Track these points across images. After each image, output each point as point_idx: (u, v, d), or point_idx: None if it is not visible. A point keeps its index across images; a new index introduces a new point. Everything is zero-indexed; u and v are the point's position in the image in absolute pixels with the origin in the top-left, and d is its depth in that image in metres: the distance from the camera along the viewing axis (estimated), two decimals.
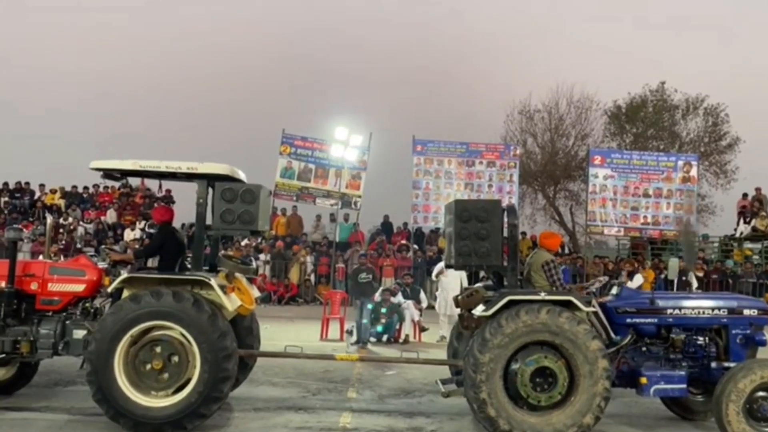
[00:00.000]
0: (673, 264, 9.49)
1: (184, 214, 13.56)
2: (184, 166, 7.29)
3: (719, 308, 7.57)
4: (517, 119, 29.99)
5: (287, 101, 30.97)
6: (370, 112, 25.39)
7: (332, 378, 9.88)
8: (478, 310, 7.09)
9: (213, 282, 7.03)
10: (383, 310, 13.63)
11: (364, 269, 13.84)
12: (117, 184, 23.21)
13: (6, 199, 23.71)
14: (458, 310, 7.63)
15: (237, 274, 7.82)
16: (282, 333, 12.90)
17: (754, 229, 23.82)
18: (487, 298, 7.15)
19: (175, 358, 6.85)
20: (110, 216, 22.98)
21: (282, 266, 20.86)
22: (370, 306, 13.21)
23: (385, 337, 13.58)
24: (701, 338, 7.56)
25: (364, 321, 12.96)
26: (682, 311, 7.54)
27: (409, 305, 13.89)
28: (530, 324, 6.74)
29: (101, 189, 23.96)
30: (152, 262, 8.81)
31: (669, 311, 7.54)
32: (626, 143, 30.31)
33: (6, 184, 24.18)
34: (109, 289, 7.29)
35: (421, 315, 14.22)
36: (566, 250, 24.26)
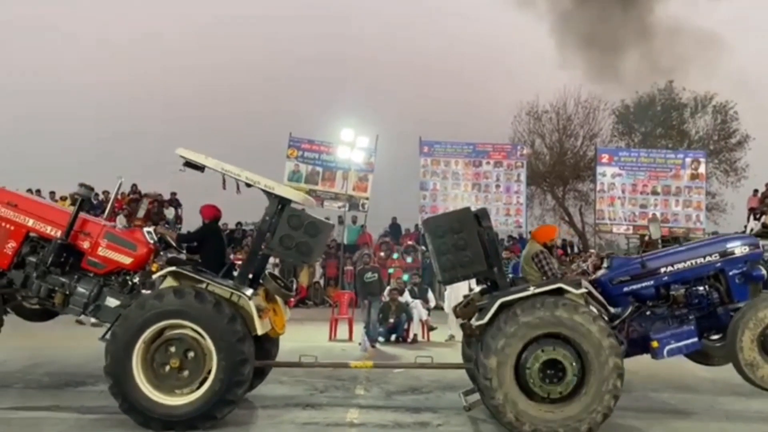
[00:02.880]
0: (655, 226, 9.47)
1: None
2: (262, 183, 7.33)
3: (711, 254, 7.57)
4: (525, 120, 30.03)
5: (294, 104, 31.05)
6: (376, 114, 25.39)
7: (340, 376, 9.88)
8: (475, 320, 7.10)
9: (251, 303, 7.04)
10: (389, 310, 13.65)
11: (369, 269, 13.88)
12: (127, 190, 23.52)
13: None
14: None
15: (276, 296, 7.88)
16: (292, 334, 12.86)
17: (764, 225, 23.61)
18: (480, 306, 7.15)
19: (192, 358, 6.89)
20: (120, 222, 23.07)
21: (291, 269, 20.91)
22: (376, 304, 13.24)
23: (393, 337, 13.60)
24: (701, 287, 7.56)
25: (372, 318, 12.99)
26: (676, 267, 7.54)
27: (417, 304, 13.90)
28: (528, 321, 6.73)
29: (110, 195, 24.08)
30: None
31: (662, 270, 7.54)
32: (635, 142, 30.26)
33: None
34: (154, 277, 7.42)
35: (429, 314, 14.23)
36: (575, 250, 24.20)
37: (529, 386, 6.75)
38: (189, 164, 7.56)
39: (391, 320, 13.61)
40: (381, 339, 13.36)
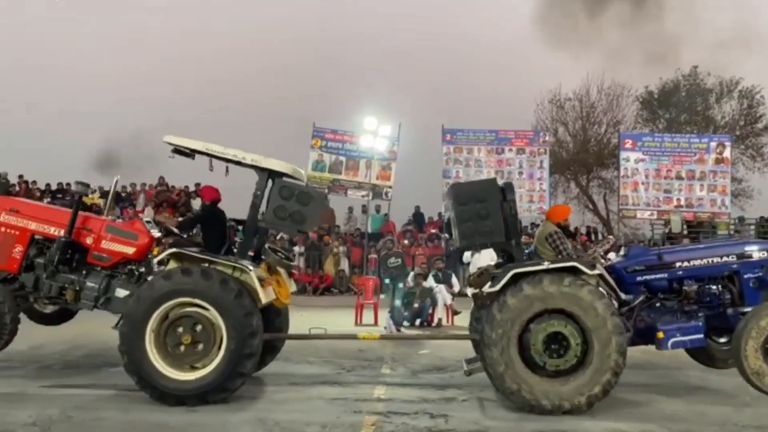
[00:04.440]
0: (676, 218, 9.52)
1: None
2: (249, 158, 7.54)
3: (728, 255, 7.60)
4: (548, 108, 29.93)
5: (317, 93, 31.21)
6: (398, 102, 25.49)
7: (366, 357, 10.10)
8: (486, 288, 7.24)
9: (252, 273, 7.25)
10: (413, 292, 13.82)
11: (392, 254, 14.09)
12: (155, 182, 23.96)
13: (48, 200, 24.40)
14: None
15: (278, 268, 8.09)
16: (317, 320, 13.10)
17: None
18: (494, 275, 7.30)
19: (203, 339, 7.11)
20: (147, 213, 23.52)
21: (316, 257, 21.17)
22: (400, 286, 13.43)
23: (418, 321, 13.77)
24: (714, 287, 7.58)
25: (397, 303, 13.18)
26: (692, 263, 7.58)
27: (441, 289, 14.05)
28: (533, 294, 6.86)
29: (138, 187, 24.56)
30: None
31: (678, 264, 7.59)
32: (659, 129, 30.00)
33: (48, 185, 24.92)
34: (156, 260, 7.64)
35: (453, 299, 14.37)
36: (599, 237, 24.13)
37: (532, 357, 6.89)
38: (177, 151, 7.82)
39: (416, 305, 13.77)
40: (406, 323, 13.54)
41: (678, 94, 30.67)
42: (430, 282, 14.27)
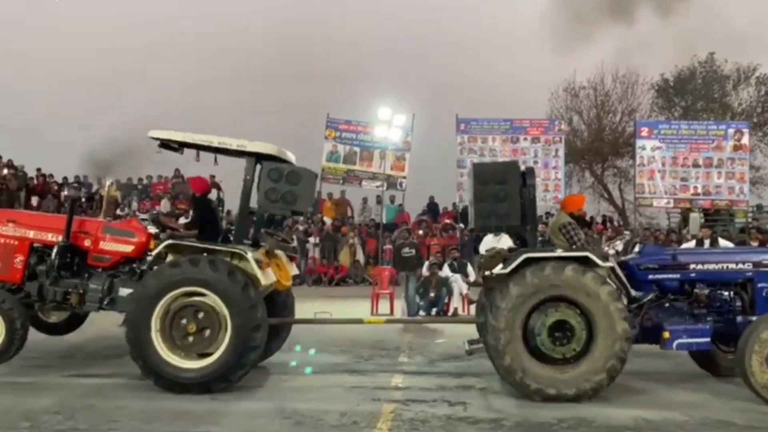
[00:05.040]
0: (695, 217, 9.47)
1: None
2: (234, 143, 7.61)
3: (744, 262, 7.53)
4: (562, 97, 29.69)
5: (330, 85, 31.19)
6: (411, 92, 25.42)
7: (384, 346, 10.15)
8: (497, 269, 7.24)
9: (249, 256, 7.29)
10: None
11: (407, 244, 14.08)
12: (170, 174, 24.08)
13: (66, 192, 24.60)
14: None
15: (277, 251, 8.15)
16: (333, 311, 13.15)
17: None
18: (506, 257, 7.31)
19: (208, 324, 7.17)
20: (164, 205, 23.67)
21: (331, 248, 21.21)
22: (414, 279, 13.45)
23: (434, 311, 13.76)
24: (726, 292, 7.52)
25: (410, 293, 13.20)
26: (706, 266, 7.52)
27: (457, 279, 14.02)
28: (550, 280, 6.86)
29: (154, 180, 24.71)
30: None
31: (692, 266, 7.53)
32: (675, 117, 29.70)
33: (65, 178, 25.08)
34: (153, 253, 7.69)
35: (469, 288, 14.35)
36: (615, 225, 24.02)
37: (537, 344, 6.89)
38: (164, 146, 7.90)
39: (432, 294, 13.76)
40: (422, 313, 13.54)
41: (694, 81, 30.34)
42: (445, 272, 14.25)
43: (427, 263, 14.70)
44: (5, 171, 23.23)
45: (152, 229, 8.29)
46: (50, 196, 22.40)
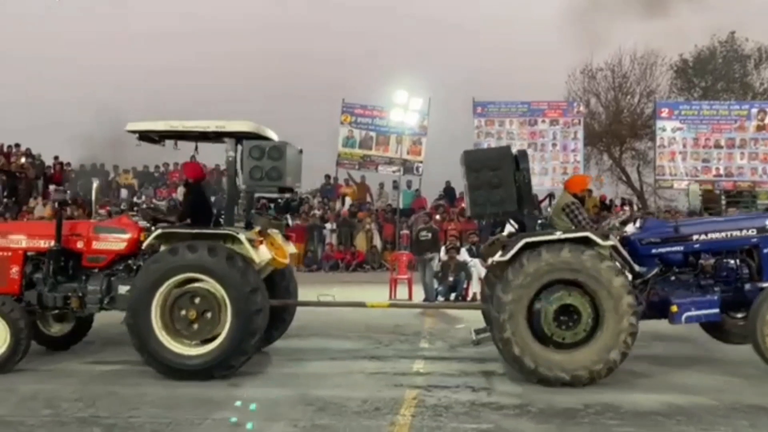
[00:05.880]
0: (694, 189, 9.31)
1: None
2: (212, 125, 7.55)
3: (748, 228, 7.40)
4: (579, 79, 29.26)
5: (345, 69, 30.94)
6: (427, 76, 25.13)
7: (403, 331, 10.07)
8: (497, 257, 7.15)
9: (241, 236, 7.25)
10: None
11: (425, 228, 13.97)
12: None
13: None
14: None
15: (272, 231, 8.10)
16: (351, 296, 13.11)
17: None
18: (504, 243, 7.20)
19: (208, 310, 7.15)
20: (180, 193, 23.68)
21: (348, 234, 21.13)
22: (432, 262, 13.36)
23: (453, 296, 13.67)
24: (732, 261, 7.42)
25: (427, 279, 13.13)
26: (709, 236, 7.41)
27: (476, 263, 13.90)
28: (552, 263, 6.77)
29: (171, 167, 24.72)
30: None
31: (695, 237, 7.43)
32: (694, 98, 29.23)
33: (83, 166, 25.18)
34: (144, 245, 7.61)
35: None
36: (635, 208, 23.73)
37: (541, 328, 6.81)
38: (144, 138, 7.85)
39: (451, 279, 13.67)
40: (440, 298, 13.45)
41: (714, 61, 29.83)
42: (464, 256, 14.14)
43: (443, 248, 14.60)
44: (23, 160, 23.36)
45: (143, 223, 8.21)
46: (67, 184, 22.44)
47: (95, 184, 10.01)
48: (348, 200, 22.53)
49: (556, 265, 6.79)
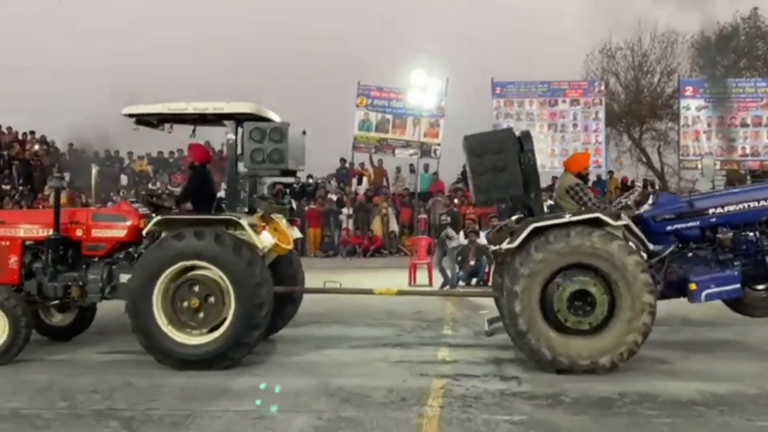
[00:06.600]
0: (708, 162, 9.00)
1: None
2: (210, 107, 7.35)
3: (765, 199, 7.09)
4: (598, 58, 28.67)
5: (361, 51, 30.53)
6: (445, 56, 24.68)
7: (425, 318, 9.85)
8: (505, 244, 6.88)
9: (243, 221, 7.07)
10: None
11: (443, 212, 13.73)
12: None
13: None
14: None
15: (275, 216, 7.90)
16: (369, 282, 12.92)
17: None
18: (513, 230, 6.92)
19: (212, 299, 6.99)
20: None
21: (365, 219, 20.88)
22: (452, 246, 13.14)
23: (474, 281, 13.42)
24: (751, 233, 7.13)
25: (445, 264, 12.93)
26: (726, 209, 7.11)
27: None
28: (561, 248, 6.50)
29: (185, 153, 24.54)
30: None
31: (711, 211, 7.13)
32: (717, 76, 28.60)
33: (96, 153, 25.06)
34: (144, 232, 7.41)
35: None
36: (656, 187, 23.30)
37: (555, 316, 6.54)
38: (141, 122, 7.65)
39: (471, 263, 13.41)
40: (461, 283, 13.20)
41: (737, 39, 29.14)
42: (484, 240, 13.85)
43: (461, 233, 14.32)
44: (37, 147, 23.27)
45: (143, 210, 7.99)
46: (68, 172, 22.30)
47: (94, 171, 9.88)
48: (365, 180, 22.22)
49: (566, 251, 6.53)
